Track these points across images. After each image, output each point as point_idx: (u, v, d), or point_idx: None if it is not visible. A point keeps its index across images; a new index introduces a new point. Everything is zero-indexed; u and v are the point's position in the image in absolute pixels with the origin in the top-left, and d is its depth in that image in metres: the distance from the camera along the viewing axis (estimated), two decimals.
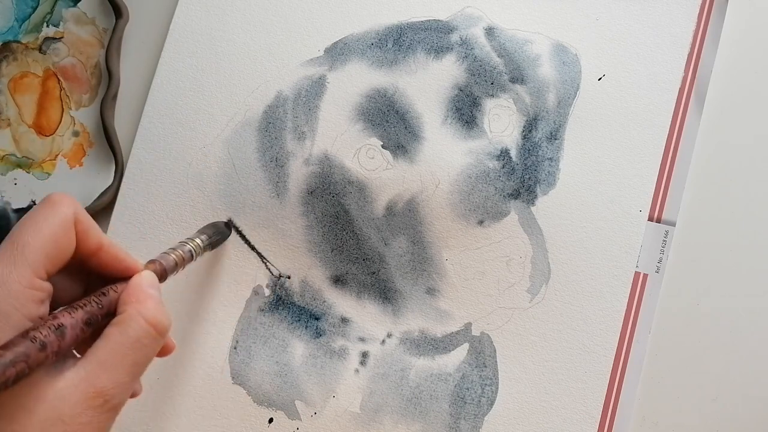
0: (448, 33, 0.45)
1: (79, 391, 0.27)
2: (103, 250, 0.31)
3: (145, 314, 0.29)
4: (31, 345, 0.26)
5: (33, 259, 0.28)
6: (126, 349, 0.28)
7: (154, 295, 0.31)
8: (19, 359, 0.26)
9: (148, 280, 0.31)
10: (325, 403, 0.43)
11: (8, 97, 0.48)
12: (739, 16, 0.45)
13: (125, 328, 0.29)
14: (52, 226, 0.28)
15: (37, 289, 0.28)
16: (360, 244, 0.44)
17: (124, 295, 0.30)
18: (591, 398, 0.42)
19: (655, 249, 0.43)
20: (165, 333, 0.30)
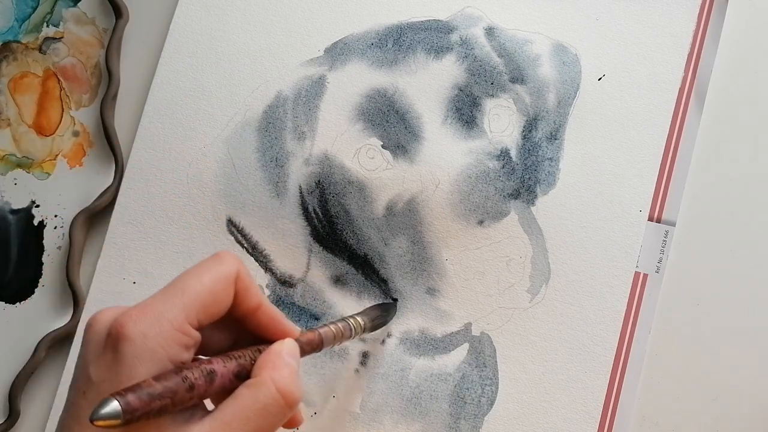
0: (448, 33, 0.45)
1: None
2: (261, 311, 0.31)
3: (278, 383, 0.28)
4: (181, 383, 0.27)
5: (189, 304, 0.28)
6: (252, 413, 0.28)
7: (290, 364, 0.30)
8: (167, 394, 0.26)
9: (288, 348, 0.31)
10: (325, 403, 0.43)
11: (8, 97, 0.48)
12: (739, 16, 0.45)
13: (256, 392, 0.28)
14: (213, 278, 0.29)
15: (186, 334, 0.28)
16: (360, 244, 0.44)
17: (260, 359, 0.30)
18: (591, 398, 0.42)
19: (655, 249, 0.43)
20: (294, 405, 0.29)
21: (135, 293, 0.44)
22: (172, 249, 0.45)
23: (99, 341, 0.28)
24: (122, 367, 0.26)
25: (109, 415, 0.25)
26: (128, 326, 0.27)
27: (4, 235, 0.46)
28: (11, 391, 0.44)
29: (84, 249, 0.46)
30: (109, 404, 0.25)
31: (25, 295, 0.46)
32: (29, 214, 0.47)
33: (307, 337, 0.33)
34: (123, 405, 0.25)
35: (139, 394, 0.26)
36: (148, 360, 0.27)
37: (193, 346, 0.29)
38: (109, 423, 0.25)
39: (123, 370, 0.26)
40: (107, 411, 0.25)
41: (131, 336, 0.27)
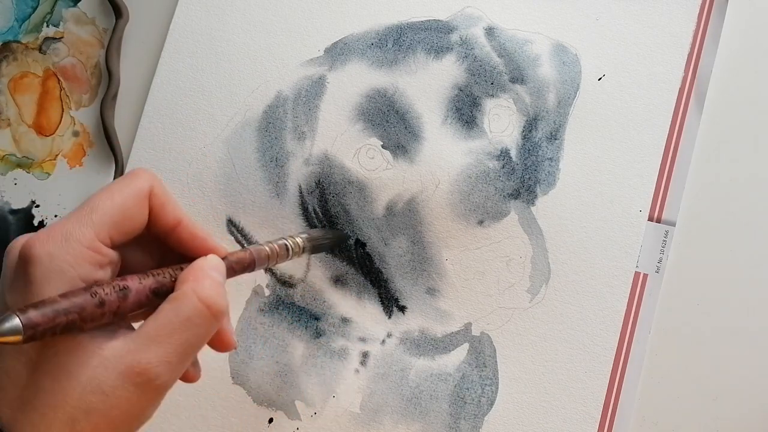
0: (448, 33, 0.45)
1: (123, 363, 0.27)
2: (181, 227, 0.31)
3: (199, 293, 0.28)
4: (89, 299, 0.26)
5: (99, 221, 0.28)
6: (176, 326, 0.27)
7: (213, 276, 0.29)
8: (73, 309, 0.26)
9: (211, 262, 0.30)
10: (325, 403, 0.43)
11: (8, 97, 0.48)
12: (739, 16, 0.45)
13: (178, 305, 0.28)
14: (124, 195, 0.29)
15: (97, 252, 0.28)
16: (360, 244, 0.44)
17: (182, 275, 0.29)
18: (591, 398, 0.42)
19: (655, 249, 0.43)
20: (219, 316, 0.29)
21: None
22: None
23: (12, 267, 0.28)
24: (32, 288, 0.26)
25: (10, 330, 0.24)
26: (35, 247, 0.27)
27: (4, 235, 0.46)
28: None
29: None
30: (10, 320, 0.24)
31: None
32: (29, 214, 0.47)
33: (237, 256, 0.32)
34: (24, 321, 0.24)
35: (43, 310, 0.25)
36: (57, 280, 0.27)
37: (108, 264, 0.28)
38: (9, 339, 0.24)
39: (33, 291, 0.26)
40: (8, 327, 0.24)
41: (38, 257, 0.27)
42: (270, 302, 0.44)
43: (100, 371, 0.26)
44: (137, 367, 0.27)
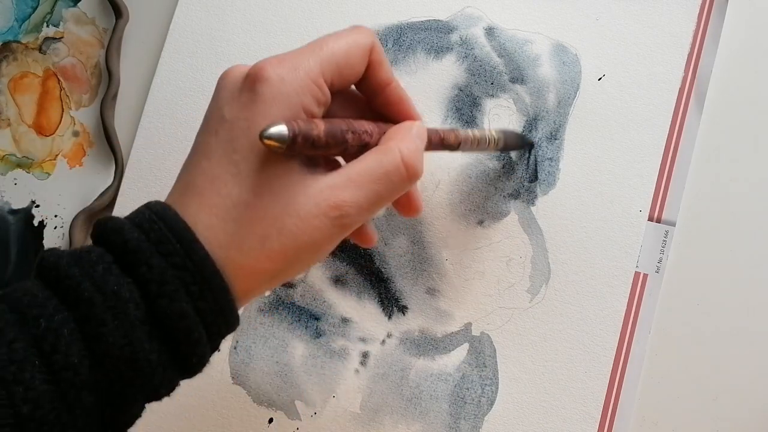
0: (448, 33, 0.45)
1: (323, 195, 0.28)
2: (391, 88, 0.32)
3: (403, 152, 0.30)
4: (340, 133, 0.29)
5: (325, 60, 0.29)
6: (375, 176, 0.29)
7: (417, 141, 0.31)
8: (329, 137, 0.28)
9: (418, 128, 0.32)
10: (325, 403, 0.43)
11: (8, 97, 0.48)
12: (739, 16, 0.45)
13: (382, 157, 0.29)
14: (350, 42, 0.30)
15: (319, 87, 0.29)
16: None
17: (390, 131, 0.31)
18: (591, 398, 0.42)
19: (655, 249, 0.43)
20: (414, 178, 0.30)
21: None
22: None
23: (235, 84, 0.29)
24: (258, 106, 0.28)
25: (277, 135, 0.26)
26: (267, 69, 0.28)
27: (4, 235, 0.46)
28: None
29: None
30: (278, 126, 0.26)
31: None
32: (29, 214, 0.47)
33: (444, 131, 0.34)
34: (290, 129, 0.27)
35: (308, 125, 0.27)
36: (283, 103, 0.28)
37: (324, 104, 0.30)
38: (273, 143, 0.26)
39: (258, 109, 0.28)
40: (275, 131, 0.26)
41: (270, 77, 0.28)
42: (270, 302, 0.44)
43: (301, 197, 0.28)
44: (333, 202, 0.28)
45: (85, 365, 0.25)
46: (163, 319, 0.26)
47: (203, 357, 0.27)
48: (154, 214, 0.27)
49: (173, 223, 0.27)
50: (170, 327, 0.26)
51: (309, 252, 0.29)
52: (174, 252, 0.26)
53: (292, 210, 0.28)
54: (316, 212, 0.28)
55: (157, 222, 0.27)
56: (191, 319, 0.26)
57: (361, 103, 0.33)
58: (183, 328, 0.26)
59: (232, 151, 0.28)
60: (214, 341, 0.28)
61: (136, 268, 0.26)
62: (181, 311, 0.26)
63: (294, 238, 0.28)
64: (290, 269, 0.29)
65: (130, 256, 0.26)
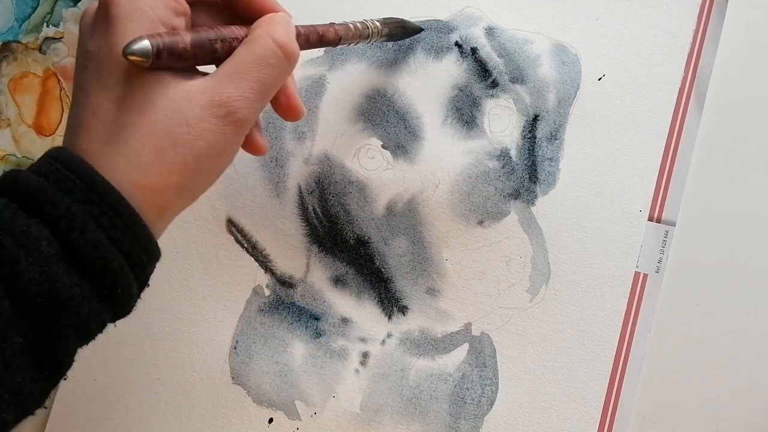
0: (448, 33, 0.45)
1: (205, 97, 0.28)
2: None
3: (272, 34, 0.30)
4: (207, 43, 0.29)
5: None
6: (252, 65, 0.29)
7: (285, 24, 0.31)
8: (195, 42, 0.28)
9: (282, 16, 0.32)
10: (325, 403, 0.43)
11: (8, 97, 0.48)
12: (739, 16, 0.45)
13: (252, 45, 0.30)
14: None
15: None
16: (360, 244, 0.44)
17: (255, 23, 0.31)
18: (591, 398, 0.42)
19: (655, 249, 0.43)
20: (291, 57, 0.30)
21: None
22: (172, 249, 0.45)
23: (90, 18, 0.29)
24: (114, 28, 0.28)
25: (141, 51, 0.26)
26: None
27: None
28: None
29: None
30: (140, 42, 0.27)
31: None
32: None
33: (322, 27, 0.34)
34: (153, 43, 0.27)
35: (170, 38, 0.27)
36: (139, 19, 0.28)
37: (183, 14, 0.30)
38: (137, 59, 0.26)
39: (115, 31, 0.28)
40: (138, 47, 0.26)
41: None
42: (270, 302, 0.44)
43: (184, 104, 0.28)
44: (218, 100, 0.28)
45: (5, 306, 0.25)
46: (78, 251, 0.26)
47: (128, 288, 0.27)
48: (50, 158, 0.27)
49: (70, 161, 0.27)
50: (87, 258, 0.26)
51: (211, 158, 0.29)
52: (75, 187, 0.26)
53: (179, 118, 0.28)
54: (203, 115, 0.28)
55: (53, 164, 0.27)
56: (105, 248, 0.26)
57: (226, 12, 0.33)
58: (99, 258, 0.26)
59: (103, 78, 0.28)
60: (137, 272, 0.28)
61: (41, 208, 0.26)
62: (94, 241, 0.26)
63: (190, 147, 0.28)
64: (197, 180, 0.29)
65: (32, 197, 0.26)
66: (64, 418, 0.43)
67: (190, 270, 0.44)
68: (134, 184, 0.27)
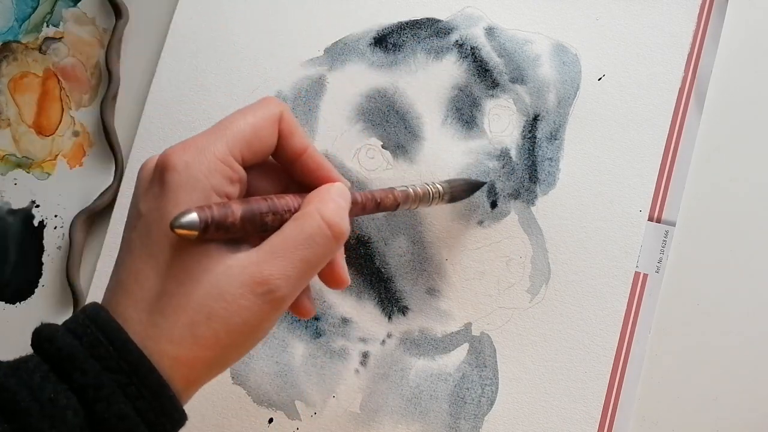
0: (448, 33, 0.45)
1: (246, 273, 0.28)
2: (306, 155, 0.31)
3: (323, 212, 0.29)
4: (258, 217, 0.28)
5: (232, 138, 0.29)
6: (298, 242, 0.28)
7: (337, 200, 0.30)
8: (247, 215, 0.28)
9: (337, 189, 0.31)
10: (325, 403, 0.43)
11: (8, 97, 0.48)
12: (739, 16, 0.45)
13: (301, 222, 0.29)
14: (257, 116, 0.30)
15: (228, 166, 0.29)
16: (360, 244, 0.44)
17: (308, 196, 0.30)
18: (591, 398, 0.42)
19: (655, 249, 0.43)
20: (340, 237, 0.29)
21: None
22: None
23: (147, 177, 0.29)
24: (167, 195, 0.28)
25: (189, 224, 0.26)
26: (172, 157, 0.28)
27: (3, 235, 0.46)
28: None
29: (84, 249, 0.46)
30: (188, 215, 0.26)
31: (25, 295, 0.46)
32: (29, 214, 0.47)
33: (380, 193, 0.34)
34: (201, 216, 0.26)
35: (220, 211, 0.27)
36: (192, 188, 0.28)
37: (238, 182, 0.30)
38: (185, 232, 0.26)
39: (168, 198, 0.28)
40: (186, 220, 0.26)
41: (175, 165, 0.28)
42: None
43: (223, 279, 0.27)
44: (259, 278, 0.28)
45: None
46: (103, 423, 0.26)
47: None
48: (87, 318, 0.27)
49: (105, 325, 0.27)
50: (111, 429, 0.26)
51: (244, 334, 0.28)
52: (108, 355, 0.26)
53: (216, 293, 0.27)
54: (241, 292, 0.27)
55: (89, 326, 0.27)
56: (131, 420, 0.26)
57: (283, 173, 0.33)
58: (124, 429, 0.26)
59: (149, 243, 0.28)
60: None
61: (71, 375, 0.26)
62: (120, 413, 0.26)
63: (224, 323, 0.27)
64: (229, 354, 0.29)
65: (65, 363, 0.26)
66: None
67: None
68: (165, 355, 0.27)
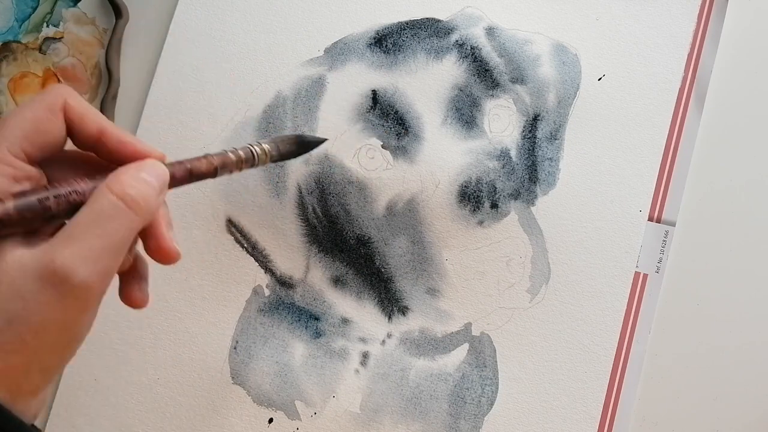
0: (448, 33, 0.45)
1: (41, 264, 0.25)
2: (106, 136, 0.29)
3: (111, 187, 0.27)
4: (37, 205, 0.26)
5: (9, 135, 0.27)
6: (90, 221, 0.26)
7: (132, 172, 0.28)
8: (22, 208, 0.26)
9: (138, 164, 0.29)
10: (325, 403, 0.43)
11: (8, 97, 0.48)
12: (739, 16, 0.45)
13: (91, 202, 0.27)
14: (35, 109, 0.28)
15: (9, 165, 0.27)
16: (360, 244, 0.44)
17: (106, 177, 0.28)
18: (591, 398, 0.42)
19: (655, 249, 0.43)
20: (138, 209, 0.27)
21: None
22: None
23: None
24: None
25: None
26: None
27: None
28: None
29: None
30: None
31: None
32: None
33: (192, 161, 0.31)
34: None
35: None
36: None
37: (26, 179, 0.28)
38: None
39: None
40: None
41: None
42: (270, 302, 0.44)
43: (18, 276, 0.25)
44: (51, 266, 0.25)
45: None
46: None
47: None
48: None
49: None
50: None
51: (53, 333, 0.26)
52: None
53: (12, 293, 0.25)
54: (38, 287, 0.25)
55: None
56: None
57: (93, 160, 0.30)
58: None
59: None
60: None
61: None
62: None
63: (27, 324, 0.25)
64: (46, 357, 0.26)
65: None
66: (64, 418, 0.43)
67: (190, 270, 0.44)
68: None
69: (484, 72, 0.45)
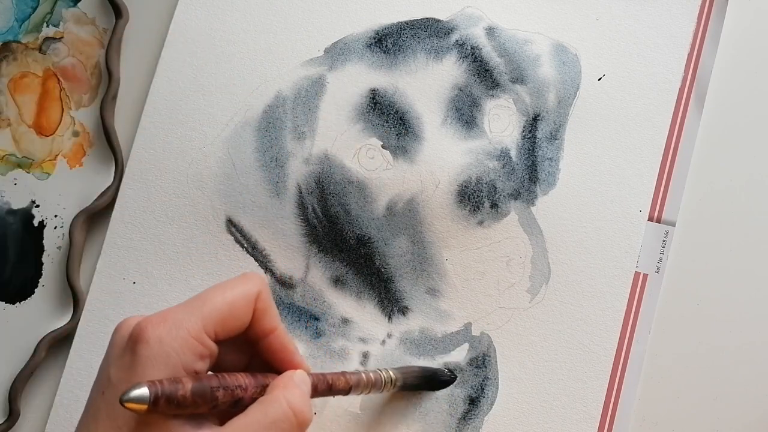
0: (448, 33, 0.45)
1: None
2: (274, 335, 0.32)
3: (289, 399, 0.30)
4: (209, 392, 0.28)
5: (208, 315, 0.29)
6: (262, 426, 0.29)
7: (302, 387, 0.31)
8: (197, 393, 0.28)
9: (300, 375, 0.32)
10: (325, 403, 0.43)
11: (8, 97, 0.48)
12: (739, 16, 0.45)
13: (267, 407, 0.29)
14: (235, 294, 0.30)
15: (201, 344, 0.29)
16: (360, 244, 0.44)
17: (274, 381, 0.31)
18: (591, 398, 0.42)
19: (655, 249, 0.43)
20: (304, 425, 0.30)
21: (135, 293, 0.44)
22: (172, 249, 0.45)
23: (121, 344, 0.29)
24: (137, 368, 0.28)
25: (138, 398, 0.26)
26: (147, 330, 0.28)
27: (3, 235, 0.46)
28: (11, 391, 0.44)
29: (84, 249, 0.46)
30: (139, 388, 0.26)
31: (25, 295, 0.46)
32: (29, 214, 0.47)
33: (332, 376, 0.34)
34: (152, 392, 0.26)
35: (170, 387, 0.27)
36: (162, 363, 0.28)
37: (208, 357, 0.30)
38: (135, 406, 0.26)
39: (137, 371, 0.28)
40: (136, 394, 0.26)
41: (148, 339, 0.28)
42: None
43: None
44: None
45: None
46: None
47: None
48: None
49: None
50: None
51: None
52: None
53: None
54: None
55: None
56: None
57: (247, 346, 0.33)
58: None
59: (115, 415, 0.28)
60: None
61: None
62: None
63: None
64: None
65: None
66: (65, 418, 0.43)
67: (190, 270, 0.44)
68: None
69: (484, 72, 0.45)
